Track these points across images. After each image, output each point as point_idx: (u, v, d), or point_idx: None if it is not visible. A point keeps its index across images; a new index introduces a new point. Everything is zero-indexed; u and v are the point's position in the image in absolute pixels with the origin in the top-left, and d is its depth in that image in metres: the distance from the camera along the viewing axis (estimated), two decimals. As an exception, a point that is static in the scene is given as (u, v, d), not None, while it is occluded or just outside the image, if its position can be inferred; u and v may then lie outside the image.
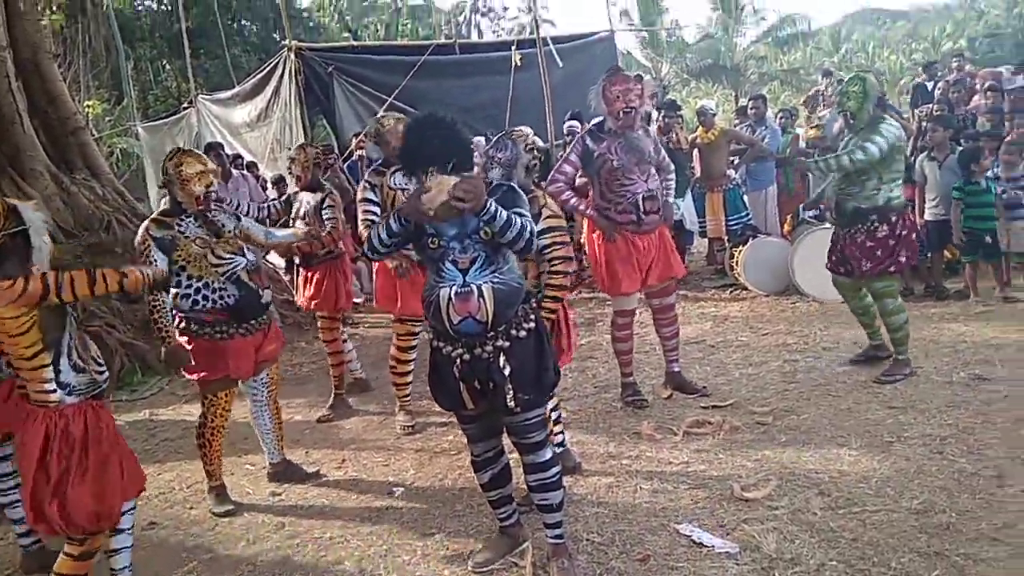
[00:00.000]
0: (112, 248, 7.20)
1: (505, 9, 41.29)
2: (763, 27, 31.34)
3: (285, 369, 6.13)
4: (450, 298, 2.70)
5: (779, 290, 7.03)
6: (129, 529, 3.15)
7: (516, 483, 3.22)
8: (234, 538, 3.69)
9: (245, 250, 3.82)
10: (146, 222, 3.78)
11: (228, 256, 3.74)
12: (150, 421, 5.64)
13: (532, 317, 2.85)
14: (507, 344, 2.76)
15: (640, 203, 4.41)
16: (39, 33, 8.30)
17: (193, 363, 3.73)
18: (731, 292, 7.39)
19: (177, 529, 3.86)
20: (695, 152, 8.15)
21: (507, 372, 2.74)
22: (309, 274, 5.28)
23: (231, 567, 3.41)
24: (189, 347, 3.72)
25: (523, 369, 2.78)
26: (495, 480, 3.08)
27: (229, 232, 3.82)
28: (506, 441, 3.06)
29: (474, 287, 2.69)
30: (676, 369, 4.85)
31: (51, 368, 2.78)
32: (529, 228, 2.73)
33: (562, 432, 3.87)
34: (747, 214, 7.91)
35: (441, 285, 2.73)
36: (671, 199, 4.69)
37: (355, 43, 11.60)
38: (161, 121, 14.62)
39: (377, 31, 28.73)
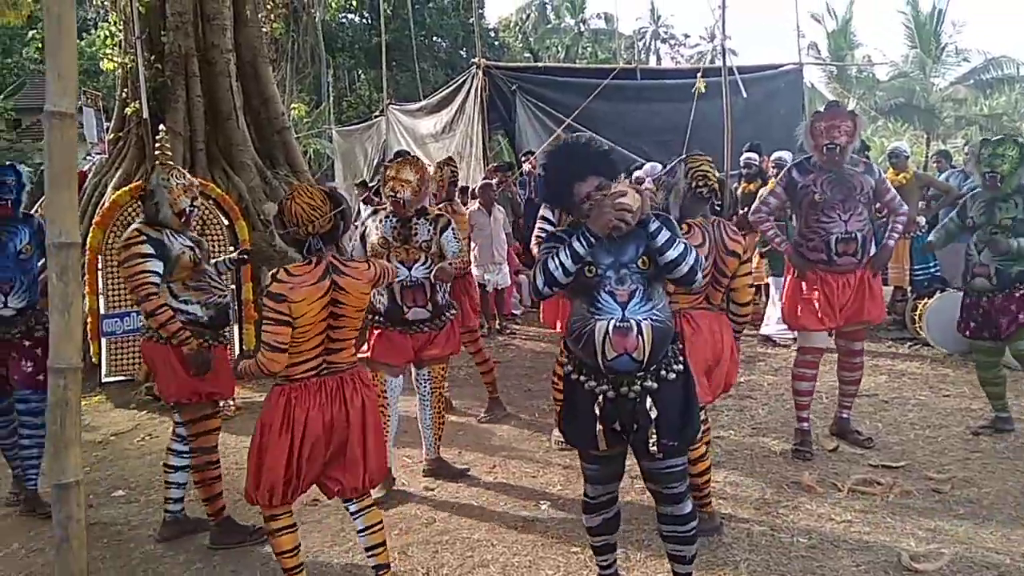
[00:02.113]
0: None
1: (686, 36, 40.97)
2: (965, 68, 29.11)
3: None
4: (607, 332, 2.56)
5: (965, 350, 6.48)
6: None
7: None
8: (388, 525, 3.85)
9: None
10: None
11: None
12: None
13: (681, 359, 2.73)
14: (655, 386, 2.63)
15: (832, 244, 4.26)
16: (259, 39, 9.11)
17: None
18: (910, 347, 6.92)
19: (338, 509, 4.09)
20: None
21: (653, 415, 2.62)
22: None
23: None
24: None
25: (668, 412, 2.64)
26: (605, 526, 2.95)
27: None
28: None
29: (633, 322, 2.56)
30: (845, 416, 4.64)
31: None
32: (695, 253, 2.64)
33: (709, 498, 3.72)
34: (935, 265, 7.39)
35: (598, 317, 2.59)
36: (892, 242, 4.43)
37: (540, 64, 11.87)
38: (353, 127, 15.65)
39: (558, 53, 29.34)
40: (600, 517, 2.94)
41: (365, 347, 4.19)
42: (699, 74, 9.87)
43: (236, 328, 6.41)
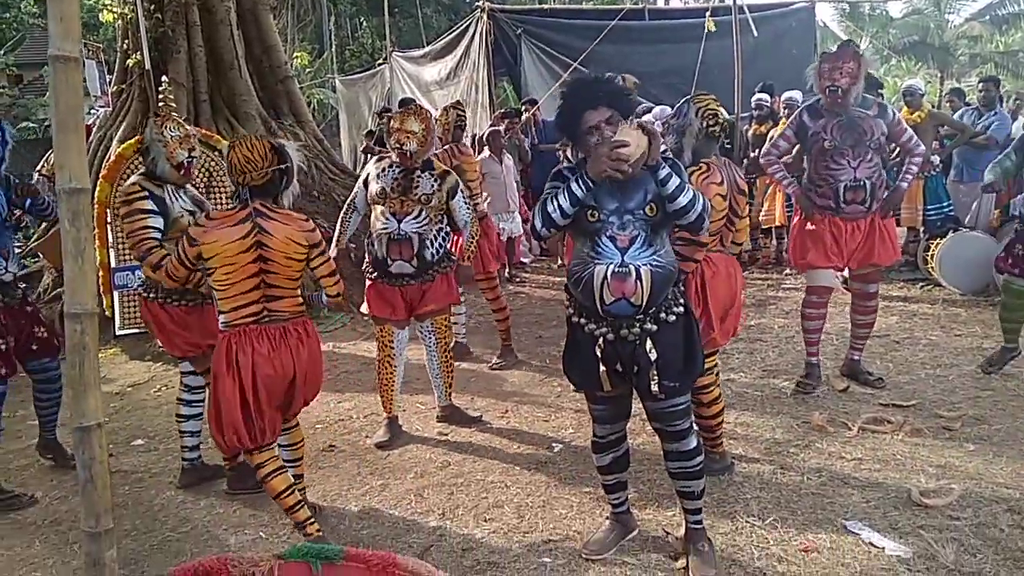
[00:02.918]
0: (310, 191, 7.75)
1: (696, -25, 39.93)
2: (980, 4, 28.35)
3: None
4: (605, 276, 2.58)
5: (977, 290, 6.47)
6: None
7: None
8: (403, 469, 3.95)
9: None
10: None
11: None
12: (333, 353, 6.08)
13: (681, 301, 2.74)
14: (655, 328, 2.65)
15: (840, 191, 4.21)
16: (259, -15, 8.95)
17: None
18: (922, 287, 6.89)
19: (354, 455, 4.18)
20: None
21: (653, 357, 2.64)
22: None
23: (401, 495, 3.65)
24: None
25: (669, 355, 2.67)
26: (615, 464, 3.00)
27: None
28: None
29: (632, 268, 2.57)
30: (856, 358, 4.65)
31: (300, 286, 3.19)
32: (703, 199, 2.63)
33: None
34: (948, 205, 7.30)
35: (596, 262, 2.61)
36: (906, 184, 4.38)
37: (546, 6, 11.63)
38: (357, 75, 15.44)
39: (564, -6, 28.68)
40: (609, 456, 2.99)
41: (365, 305, 4.21)
42: (708, 13, 9.66)
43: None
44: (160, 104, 5.13)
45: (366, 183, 4.18)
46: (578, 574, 2.91)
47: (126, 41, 8.15)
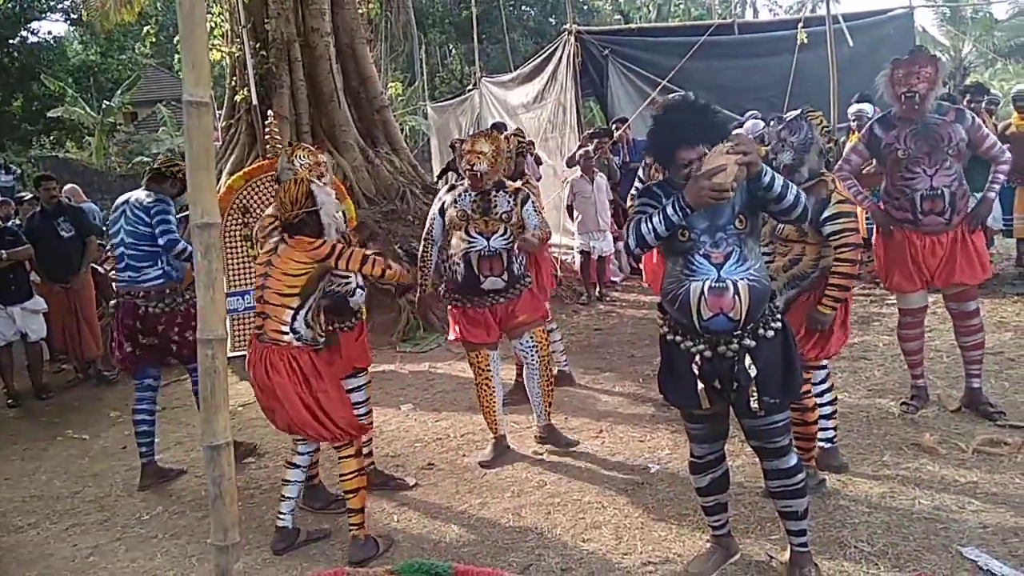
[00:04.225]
0: (405, 216, 8.00)
1: (785, -14, 39.09)
2: (1092, 2, 26.60)
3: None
4: (702, 292, 2.59)
5: (1102, 304, 6.07)
6: (303, 467, 3.63)
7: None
8: (501, 488, 4.01)
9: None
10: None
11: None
12: (429, 373, 6.23)
13: (779, 316, 2.72)
14: (753, 344, 2.64)
15: (918, 201, 4.04)
16: (356, 20, 9.35)
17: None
18: (1038, 301, 6.51)
19: (451, 473, 4.27)
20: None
21: (753, 373, 2.62)
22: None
23: (499, 514, 3.71)
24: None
25: (769, 371, 2.64)
26: (714, 485, 2.96)
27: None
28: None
29: (730, 283, 2.58)
30: (976, 385, 4.31)
31: (292, 312, 3.34)
32: (803, 197, 2.64)
33: (834, 429, 3.72)
34: (1066, 214, 6.89)
35: (692, 279, 2.62)
36: (993, 194, 4.17)
37: (632, 26, 11.64)
38: (447, 101, 15.81)
39: (648, 13, 28.61)
40: (708, 476, 2.96)
41: (452, 333, 4.30)
42: (800, 24, 9.47)
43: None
44: (266, 137, 5.43)
45: (442, 212, 4.28)
46: (679, 596, 2.89)
47: (233, 78, 8.65)
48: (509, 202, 4.16)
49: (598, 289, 8.35)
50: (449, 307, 4.34)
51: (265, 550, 3.57)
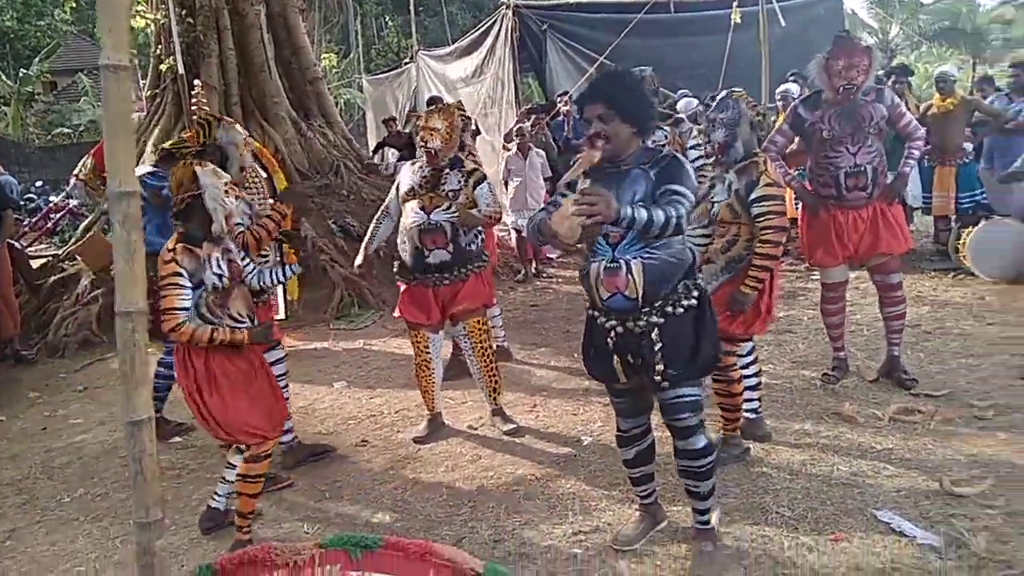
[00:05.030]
0: (339, 191, 7.86)
1: (722, -34, 39.43)
2: (1014, -13, 27.70)
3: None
4: (599, 273, 2.67)
5: (1010, 278, 6.39)
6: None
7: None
8: (434, 463, 4.02)
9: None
10: None
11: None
12: (363, 350, 6.18)
13: (695, 294, 2.74)
14: (661, 320, 2.67)
15: (842, 179, 4.20)
16: (288, -12, 9.08)
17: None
18: (953, 276, 6.81)
19: (385, 449, 4.26)
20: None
21: (657, 348, 2.67)
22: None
23: (431, 488, 3.72)
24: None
25: (676, 345, 2.68)
26: (639, 457, 3.03)
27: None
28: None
29: (622, 262, 2.63)
30: (896, 353, 4.53)
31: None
32: (676, 217, 2.50)
33: (759, 400, 3.85)
34: (981, 192, 7.21)
35: (592, 260, 2.70)
36: (908, 169, 4.35)
37: (571, 1, 11.63)
38: (383, 75, 15.57)
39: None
40: (634, 449, 3.03)
41: (397, 310, 4.27)
42: (735, 4, 9.61)
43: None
44: (193, 107, 5.26)
45: (397, 186, 4.25)
46: (608, 565, 2.95)
47: (159, 46, 8.33)
48: (459, 181, 4.08)
49: (535, 266, 8.39)
50: (397, 282, 4.30)
51: (192, 530, 3.50)
